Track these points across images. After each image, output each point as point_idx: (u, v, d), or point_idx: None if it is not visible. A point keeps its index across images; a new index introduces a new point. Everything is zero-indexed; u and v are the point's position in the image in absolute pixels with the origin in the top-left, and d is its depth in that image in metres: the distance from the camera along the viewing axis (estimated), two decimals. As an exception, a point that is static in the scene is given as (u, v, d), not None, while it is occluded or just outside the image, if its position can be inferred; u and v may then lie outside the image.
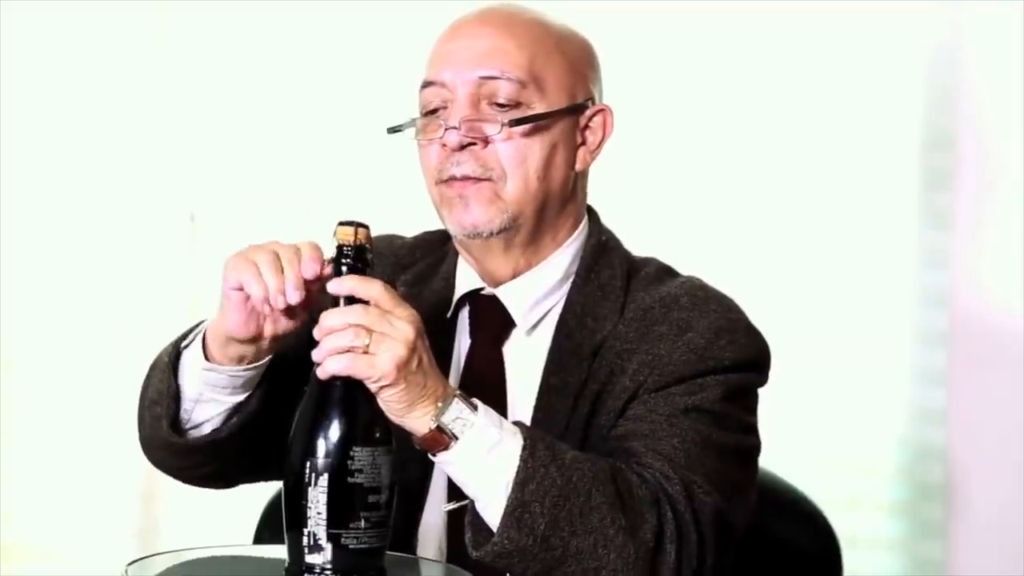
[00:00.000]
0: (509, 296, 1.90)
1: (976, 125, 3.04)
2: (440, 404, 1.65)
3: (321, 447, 1.59)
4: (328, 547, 1.58)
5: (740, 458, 1.83)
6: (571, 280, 1.91)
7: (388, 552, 1.63)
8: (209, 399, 1.81)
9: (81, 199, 3.20)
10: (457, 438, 1.65)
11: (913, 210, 3.10)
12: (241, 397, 1.81)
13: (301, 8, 3.14)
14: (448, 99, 1.86)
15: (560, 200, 1.89)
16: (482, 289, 1.92)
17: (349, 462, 1.58)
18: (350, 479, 1.58)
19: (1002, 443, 3.05)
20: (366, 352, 1.60)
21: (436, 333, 1.89)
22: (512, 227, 1.86)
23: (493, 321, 1.90)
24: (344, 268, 1.62)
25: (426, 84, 1.88)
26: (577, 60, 1.90)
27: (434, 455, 1.67)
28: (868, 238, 3.09)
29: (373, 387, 1.61)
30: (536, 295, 1.90)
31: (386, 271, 1.97)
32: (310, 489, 1.58)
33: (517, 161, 1.84)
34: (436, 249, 1.98)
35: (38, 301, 3.22)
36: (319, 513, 1.58)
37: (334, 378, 1.61)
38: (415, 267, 1.99)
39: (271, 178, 3.17)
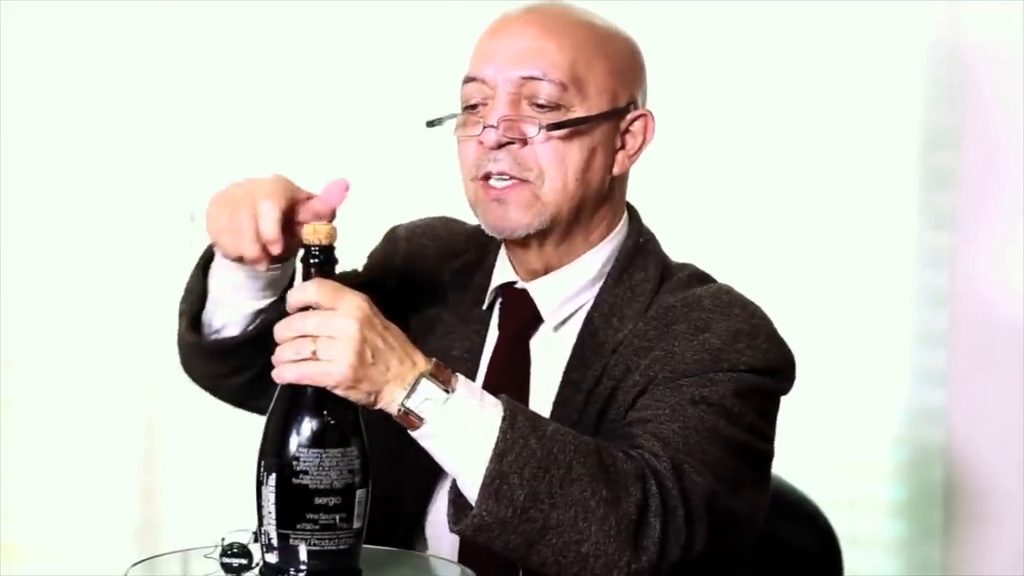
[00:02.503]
0: (539, 291, 1.91)
1: (977, 125, 3.04)
2: (407, 386, 1.62)
3: (271, 446, 1.59)
4: (279, 547, 1.58)
5: (747, 456, 1.79)
6: (603, 280, 1.91)
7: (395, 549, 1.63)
8: (229, 301, 1.82)
9: (81, 199, 3.21)
10: (424, 420, 1.63)
11: (913, 210, 3.10)
12: (263, 303, 1.82)
13: (301, 8, 3.14)
14: (489, 96, 1.86)
15: (595, 202, 1.90)
16: (515, 282, 1.93)
17: (295, 463, 1.57)
18: (295, 480, 1.57)
19: (1002, 443, 3.05)
20: (315, 359, 1.59)
21: (472, 322, 1.93)
22: (548, 227, 1.87)
23: (522, 315, 1.91)
24: (312, 267, 1.62)
25: (468, 79, 1.89)
26: (620, 63, 1.90)
27: (411, 432, 1.65)
28: (868, 238, 3.08)
29: (338, 391, 1.60)
30: (566, 293, 1.90)
31: (437, 252, 2.00)
32: (263, 488, 1.59)
33: (555, 163, 1.85)
34: (486, 243, 1.97)
35: (38, 301, 3.22)
36: (270, 513, 1.58)
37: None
38: (464, 256, 2.00)
39: (271, 178, 3.16)
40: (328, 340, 1.59)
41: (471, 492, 1.64)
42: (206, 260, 1.85)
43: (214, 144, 3.19)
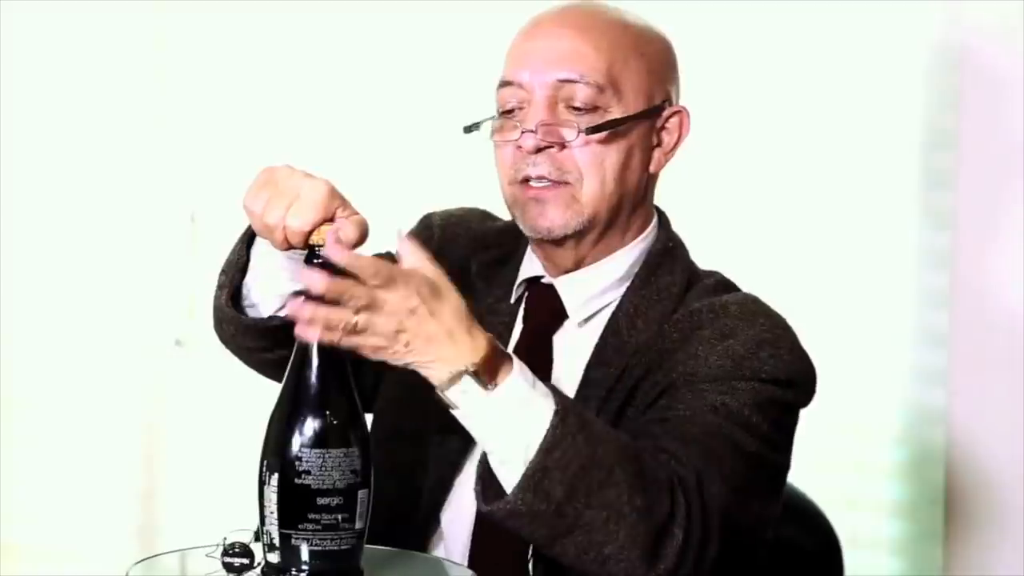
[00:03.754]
0: (566, 288, 1.92)
1: (977, 125, 3.04)
2: (451, 374, 1.61)
3: (274, 446, 1.59)
4: (281, 547, 1.58)
5: (760, 467, 1.80)
6: (630, 281, 1.91)
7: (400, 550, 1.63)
8: (267, 279, 1.82)
9: (81, 199, 3.21)
10: (459, 407, 1.63)
11: (913, 210, 3.10)
12: (298, 287, 1.79)
13: (301, 8, 3.14)
14: (525, 100, 1.87)
15: (633, 201, 1.91)
16: (543, 277, 1.93)
17: (297, 463, 1.58)
18: (297, 480, 1.57)
19: (1002, 443, 3.05)
20: (355, 328, 1.57)
21: (500, 315, 1.94)
22: (586, 228, 1.87)
23: (548, 310, 1.92)
24: (315, 268, 1.63)
25: (503, 83, 1.89)
26: (655, 62, 1.91)
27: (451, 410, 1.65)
28: (868, 238, 3.08)
29: (371, 355, 1.59)
30: (593, 291, 1.91)
31: (469, 243, 2.01)
32: (265, 487, 1.59)
33: (594, 165, 1.86)
34: (517, 238, 1.98)
35: (38, 301, 3.22)
36: (272, 512, 1.59)
37: (297, 378, 1.61)
38: (494, 250, 2.01)
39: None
40: (374, 314, 1.58)
41: (507, 476, 1.64)
42: (250, 233, 1.84)
43: (214, 144, 3.19)
